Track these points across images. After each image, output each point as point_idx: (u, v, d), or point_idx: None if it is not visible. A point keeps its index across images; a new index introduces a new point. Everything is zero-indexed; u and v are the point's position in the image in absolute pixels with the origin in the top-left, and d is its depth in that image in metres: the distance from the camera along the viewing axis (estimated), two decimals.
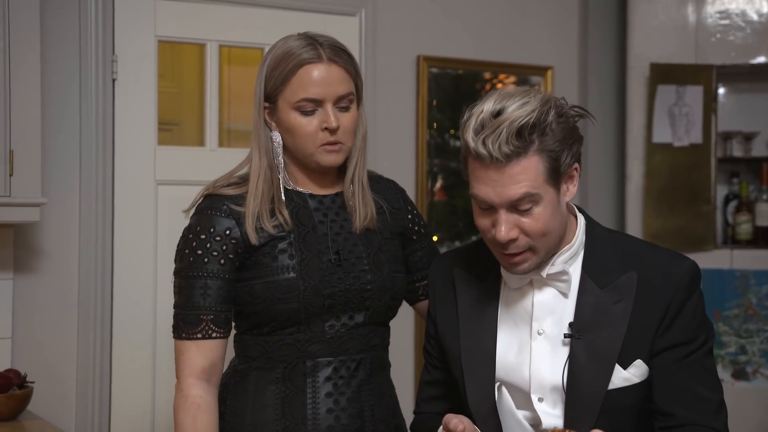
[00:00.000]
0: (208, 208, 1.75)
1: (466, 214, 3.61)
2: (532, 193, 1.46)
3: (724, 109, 3.83)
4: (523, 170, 1.45)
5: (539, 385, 1.57)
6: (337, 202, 1.81)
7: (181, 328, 1.74)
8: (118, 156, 2.87)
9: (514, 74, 3.69)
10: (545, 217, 1.49)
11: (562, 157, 1.48)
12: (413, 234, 1.92)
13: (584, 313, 1.54)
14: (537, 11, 3.69)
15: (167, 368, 2.91)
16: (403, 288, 1.85)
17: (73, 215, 2.79)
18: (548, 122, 1.46)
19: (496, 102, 1.47)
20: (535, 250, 1.52)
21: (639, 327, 1.53)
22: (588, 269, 1.57)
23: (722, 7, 3.67)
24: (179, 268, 1.77)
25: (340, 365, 1.75)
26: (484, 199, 1.49)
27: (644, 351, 1.53)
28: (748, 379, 3.60)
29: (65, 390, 2.78)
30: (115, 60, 2.86)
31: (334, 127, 1.71)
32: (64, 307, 2.78)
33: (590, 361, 1.52)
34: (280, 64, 1.73)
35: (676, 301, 1.53)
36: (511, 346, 1.60)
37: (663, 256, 1.58)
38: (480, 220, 1.53)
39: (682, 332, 1.53)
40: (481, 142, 1.45)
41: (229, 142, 3.15)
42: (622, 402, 1.53)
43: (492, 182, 1.47)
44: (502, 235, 1.48)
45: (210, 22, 3.02)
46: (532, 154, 1.45)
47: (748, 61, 3.66)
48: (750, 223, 3.74)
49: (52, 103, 2.75)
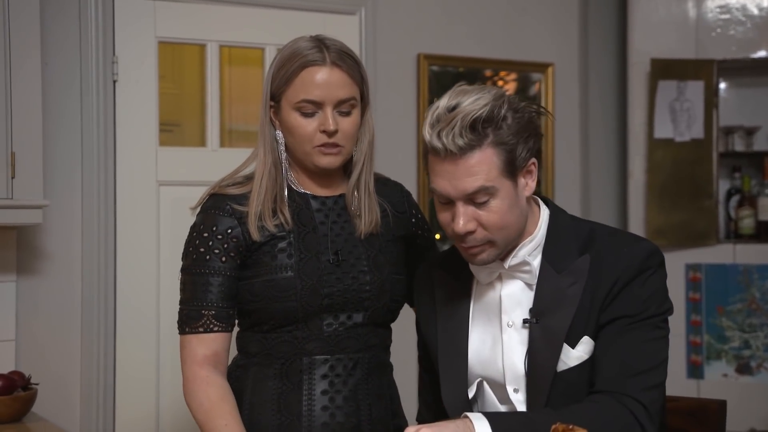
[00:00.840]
0: (212, 207, 1.78)
1: None
2: (487, 186, 1.50)
3: (726, 103, 3.83)
4: (478, 163, 1.49)
5: (513, 376, 1.59)
6: (339, 204, 1.83)
7: (185, 323, 1.77)
8: (120, 157, 2.87)
9: (515, 71, 3.68)
10: (502, 210, 1.52)
11: (517, 150, 1.52)
12: (417, 238, 1.95)
13: (543, 298, 1.57)
14: (537, 8, 3.69)
15: (171, 369, 2.91)
16: (404, 291, 1.87)
17: (75, 217, 2.80)
18: (501, 115, 1.50)
19: (452, 97, 1.51)
20: (494, 242, 1.54)
21: (588, 305, 1.54)
22: (547, 256, 1.59)
23: (722, 2, 3.67)
24: (184, 265, 1.81)
25: (336, 363, 1.77)
26: (442, 193, 1.53)
27: (591, 328, 1.54)
28: (752, 373, 3.59)
29: (69, 392, 2.78)
30: (116, 61, 2.86)
31: (331, 130, 1.73)
32: (67, 308, 2.78)
33: (544, 344, 1.55)
34: (286, 64, 1.75)
35: (624, 277, 1.54)
36: (485, 341, 1.63)
37: (621, 239, 1.60)
38: (441, 214, 1.57)
39: (626, 305, 1.53)
40: (436, 135, 1.49)
41: (231, 143, 3.15)
42: (577, 380, 1.54)
43: (448, 175, 1.50)
44: (460, 227, 1.51)
45: (210, 22, 3.02)
46: (486, 146, 1.49)
47: (748, 55, 3.66)
48: (753, 218, 3.74)
49: (54, 105, 2.75)
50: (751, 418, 3.51)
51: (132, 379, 2.87)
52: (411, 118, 3.42)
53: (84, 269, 2.80)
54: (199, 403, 1.72)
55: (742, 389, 3.52)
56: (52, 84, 2.74)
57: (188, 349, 1.77)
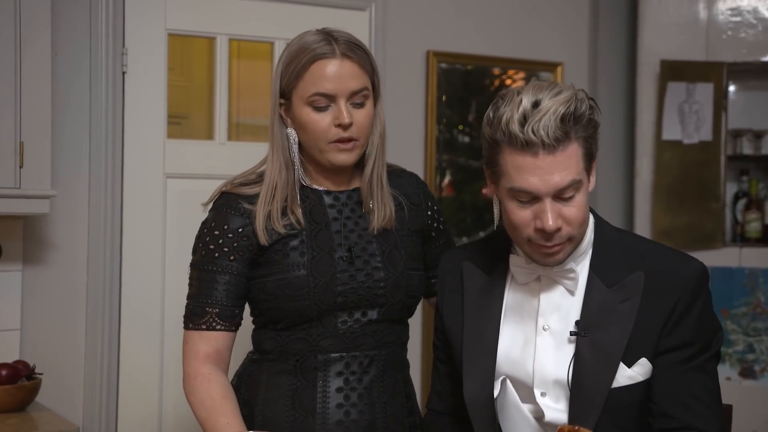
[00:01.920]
0: (224, 205, 1.76)
1: (474, 209, 3.60)
2: (578, 180, 1.50)
3: (735, 106, 3.82)
4: (569, 156, 1.48)
5: (542, 380, 1.58)
6: (353, 199, 1.81)
7: (189, 319, 1.77)
8: (128, 149, 2.88)
9: (524, 70, 3.68)
10: (583, 204, 1.52)
11: (592, 143, 1.53)
12: (432, 231, 1.92)
13: (591, 311, 1.55)
14: (547, 7, 3.68)
15: (175, 360, 2.91)
16: (420, 286, 1.84)
17: (82, 207, 2.80)
18: (583, 110, 1.50)
19: (532, 94, 1.49)
20: (573, 239, 1.54)
21: (644, 326, 1.53)
22: (596, 268, 1.58)
23: (733, 5, 3.65)
24: (193, 260, 1.79)
25: (352, 360, 1.75)
26: (530, 190, 1.49)
27: (649, 350, 1.53)
28: (755, 377, 3.58)
29: (73, 381, 2.79)
30: (125, 53, 2.86)
31: (346, 123, 1.70)
32: (72, 299, 2.79)
33: (595, 358, 1.53)
34: (295, 59, 1.73)
35: (683, 302, 1.53)
36: (516, 341, 1.61)
37: (671, 257, 1.59)
38: (517, 214, 1.53)
39: (687, 333, 1.54)
40: (530, 130, 1.46)
41: (238, 136, 3.15)
42: (626, 400, 1.53)
43: (539, 171, 1.48)
44: (550, 224, 1.49)
45: (220, 15, 3.02)
46: (573, 140, 1.49)
47: (759, 58, 3.65)
48: (759, 221, 3.73)
49: (62, 96, 2.75)
50: (754, 422, 3.50)
51: (136, 370, 2.87)
52: (419, 115, 3.41)
53: (90, 260, 2.80)
54: (201, 401, 1.71)
55: (746, 393, 3.51)
56: (62, 74, 2.75)
57: (190, 344, 1.76)
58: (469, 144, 3.59)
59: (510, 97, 1.51)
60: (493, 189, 1.58)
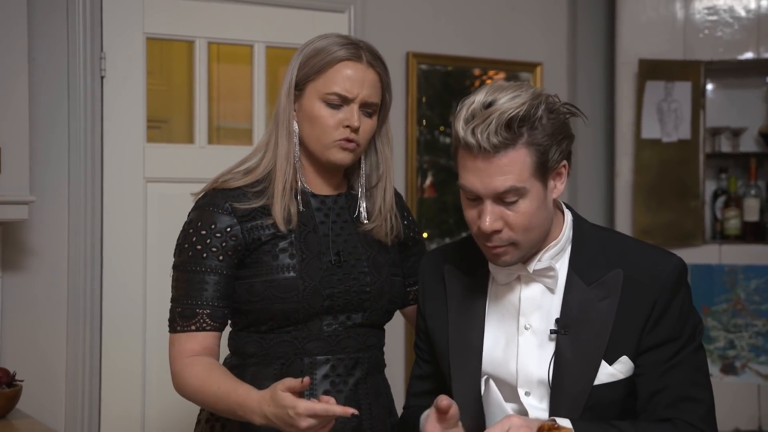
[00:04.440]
0: (210, 204, 1.75)
1: (455, 210, 3.61)
2: (518, 187, 1.48)
3: (713, 104, 3.85)
4: (511, 162, 1.47)
5: (526, 379, 1.58)
6: (339, 203, 1.82)
7: (176, 322, 1.74)
8: (107, 153, 2.86)
9: (504, 70, 3.69)
10: (530, 211, 1.50)
11: (550, 152, 1.49)
12: (408, 240, 1.94)
13: (570, 309, 1.56)
14: (526, 7, 3.70)
15: (157, 365, 2.90)
16: (400, 292, 1.86)
17: (61, 213, 2.78)
18: (538, 116, 1.47)
19: (488, 94, 1.49)
20: (518, 244, 1.53)
21: (625, 324, 1.53)
22: (575, 266, 1.58)
23: (710, 3, 3.68)
24: (178, 262, 1.76)
25: (338, 363, 1.75)
26: (471, 189, 1.51)
27: (630, 348, 1.54)
28: (736, 373, 3.61)
29: (55, 388, 2.77)
30: (104, 57, 2.85)
31: (356, 126, 1.73)
32: (53, 305, 2.77)
33: (576, 356, 1.54)
34: (319, 54, 1.74)
35: (663, 298, 1.54)
36: (498, 341, 1.61)
37: (650, 254, 1.60)
38: (467, 211, 1.55)
39: (669, 329, 1.54)
40: (470, 131, 1.46)
41: (219, 140, 3.15)
42: (607, 397, 1.54)
43: (479, 172, 1.48)
44: (486, 225, 1.50)
45: (199, 19, 3.01)
46: (520, 146, 1.47)
47: (736, 56, 3.68)
48: (738, 219, 3.76)
49: (40, 101, 2.73)
50: (736, 419, 3.53)
51: (118, 376, 2.86)
52: (400, 116, 3.42)
53: (70, 266, 2.78)
54: (190, 386, 1.69)
55: (727, 389, 3.54)
56: (40, 79, 2.73)
57: (177, 346, 1.73)
58: (450, 145, 3.60)
59: (473, 93, 1.52)
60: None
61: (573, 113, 1.56)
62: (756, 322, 3.63)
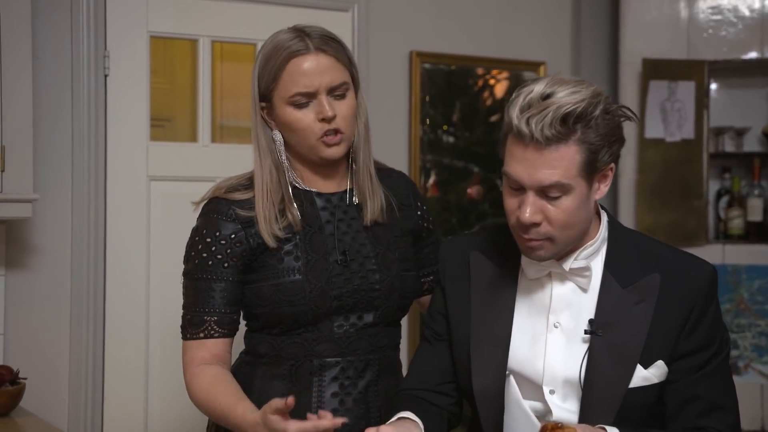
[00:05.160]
0: (214, 211, 1.74)
1: (459, 209, 3.61)
2: (563, 183, 1.47)
3: (716, 104, 3.84)
4: (560, 157, 1.45)
5: (552, 377, 1.57)
6: (344, 200, 1.79)
7: (186, 329, 1.75)
8: (111, 152, 2.86)
9: (507, 70, 3.69)
10: (571, 208, 1.49)
11: (600, 152, 1.49)
12: (422, 231, 1.90)
13: (605, 310, 1.54)
14: (529, 6, 3.69)
15: (160, 364, 2.91)
16: (413, 287, 1.83)
17: (65, 211, 2.79)
18: (594, 115, 1.46)
19: (548, 85, 1.47)
20: (554, 240, 1.51)
21: (661, 329, 1.53)
22: (610, 267, 1.57)
23: (714, 3, 3.68)
24: (186, 270, 1.76)
25: (347, 365, 1.74)
26: (515, 178, 1.49)
27: (666, 353, 1.54)
28: (739, 373, 3.61)
29: (58, 386, 2.77)
30: (107, 56, 2.85)
31: (329, 116, 1.68)
32: (56, 303, 2.78)
33: (610, 358, 1.53)
34: (270, 61, 1.71)
35: (699, 305, 1.54)
36: (524, 337, 1.60)
37: (684, 260, 1.60)
38: (508, 199, 1.53)
39: (703, 336, 1.55)
40: (525, 120, 1.44)
41: (222, 138, 3.15)
42: (638, 401, 1.53)
43: (527, 163, 1.46)
44: (526, 217, 1.48)
45: (202, 17, 3.02)
46: (572, 143, 1.46)
47: (739, 56, 3.67)
48: (742, 218, 3.76)
49: (44, 99, 2.74)
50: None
51: (121, 374, 2.86)
52: (403, 116, 3.42)
53: (73, 264, 2.79)
54: (196, 398, 1.70)
55: None
56: (43, 78, 2.73)
57: (188, 354, 1.73)
58: (453, 144, 3.60)
59: (530, 82, 1.49)
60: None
61: (628, 117, 1.54)
62: (759, 322, 3.62)
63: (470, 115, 3.63)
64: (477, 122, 3.65)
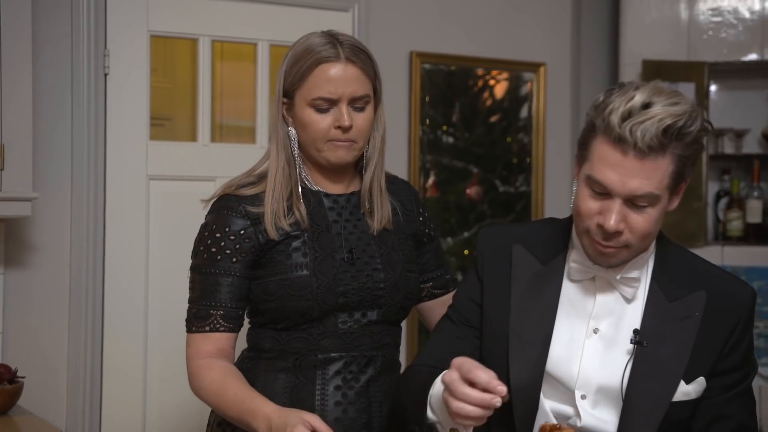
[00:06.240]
0: (224, 207, 1.76)
1: (458, 210, 3.61)
2: (655, 194, 1.46)
3: (716, 106, 3.85)
4: (656, 168, 1.44)
5: (585, 382, 1.56)
6: (351, 202, 1.82)
7: (192, 322, 1.76)
8: (110, 151, 2.86)
9: (507, 71, 3.69)
10: (654, 219, 1.48)
11: (688, 165, 1.49)
12: (424, 236, 1.94)
13: (651, 322, 1.55)
14: (530, 7, 3.69)
15: (159, 363, 2.91)
16: (416, 288, 1.86)
17: (64, 210, 2.79)
18: (692, 130, 1.45)
19: (648, 94, 1.45)
20: (630, 248, 1.51)
21: (704, 346, 1.54)
22: (659, 280, 1.58)
23: (714, 5, 3.68)
24: (194, 264, 1.78)
25: (351, 360, 1.76)
26: (605, 184, 1.46)
27: (706, 370, 1.55)
28: None
29: (56, 385, 2.77)
30: (107, 54, 2.85)
31: (346, 125, 1.73)
32: (55, 302, 2.78)
33: (653, 371, 1.53)
34: (299, 61, 1.74)
35: (741, 325, 1.56)
36: (561, 338, 1.59)
37: (728, 279, 1.61)
38: (586, 201, 1.50)
39: (740, 356, 1.57)
40: (629, 128, 1.42)
41: (222, 138, 3.15)
42: (677, 416, 1.54)
43: (621, 170, 1.44)
44: (611, 224, 1.46)
45: (202, 16, 3.02)
46: (669, 154, 1.45)
47: (739, 58, 3.67)
48: (741, 220, 3.76)
49: (44, 98, 2.74)
50: None
51: (119, 373, 2.86)
52: (403, 116, 3.42)
53: (72, 263, 2.79)
54: (206, 388, 1.70)
55: None
56: (43, 76, 2.73)
57: (193, 347, 1.75)
58: (453, 144, 3.60)
59: (627, 88, 1.47)
60: (576, 171, 1.55)
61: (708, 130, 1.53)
62: (758, 324, 3.62)
63: (470, 116, 3.63)
64: (477, 123, 3.65)
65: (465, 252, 3.64)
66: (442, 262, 1.99)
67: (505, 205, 3.71)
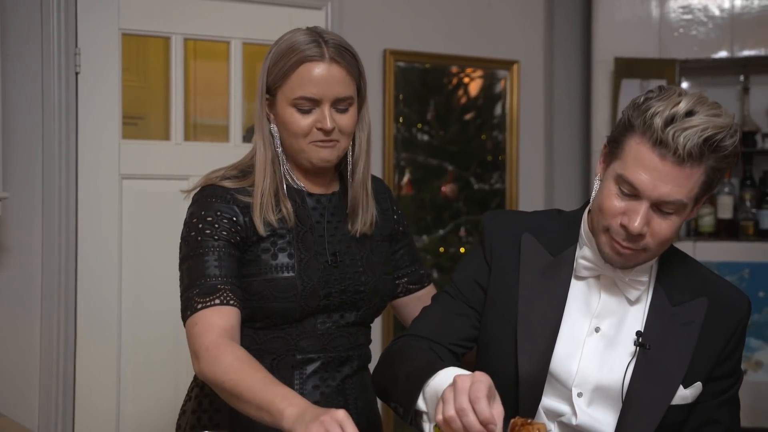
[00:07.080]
0: (211, 195, 1.71)
1: (433, 207, 3.62)
2: (683, 202, 1.46)
3: None
4: (690, 176, 1.44)
5: (583, 380, 1.56)
6: (333, 202, 1.81)
7: (195, 302, 1.63)
8: (82, 150, 2.84)
9: (481, 68, 3.70)
10: (675, 226, 1.49)
11: (717, 178, 1.49)
12: (398, 234, 1.93)
13: (654, 325, 1.56)
14: (503, 6, 3.71)
15: (132, 363, 2.89)
16: (392, 290, 1.86)
17: (35, 210, 2.76)
18: (730, 143, 1.46)
19: (692, 102, 1.44)
20: (648, 252, 1.51)
21: (703, 351, 1.56)
22: (663, 284, 1.58)
23: (685, 3, 3.72)
24: (187, 252, 1.69)
25: (328, 361, 1.75)
26: (636, 185, 1.45)
27: (703, 375, 1.56)
28: None
29: (28, 386, 2.75)
30: (78, 53, 2.82)
31: (328, 128, 1.69)
32: (27, 303, 2.75)
33: (654, 373, 1.54)
34: (282, 59, 1.70)
35: (738, 334, 1.58)
36: (564, 334, 1.59)
37: (727, 287, 1.63)
38: (612, 200, 1.49)
39: (734, 364, 1.60)
40: (671, 133, 1.42)
41: (195, 136, 3.14)
42: (673, 419, 1.55)
43: (657, 174, 1.44)
44: (636, 226, 1.46)
45: (175, 15, 3.00)
46: (704, 165, 1.45)
47: (710, 55, 3.71)
48: (713, 216, 3.80)
49: (13, 97, 2.71)
50: None
51: (92, 374, 2.84)
52: (377, 114, 3.42)
53: (44, 263, 2.76)
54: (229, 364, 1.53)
55: None
56: (12, 75, 2.70)
57: (202, 323, 1.59)
58: (427, 142, 3.61)
59: (670, 93, 1.47)
60: (602, 167, 1.55)
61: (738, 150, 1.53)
62: None
63: (444, 114, 3.64)
64: (451, 120, 3.66)
65: (441, 249, 3.65)
66: (416, 257, 1.99)
67: (480, 202, 3.72)
